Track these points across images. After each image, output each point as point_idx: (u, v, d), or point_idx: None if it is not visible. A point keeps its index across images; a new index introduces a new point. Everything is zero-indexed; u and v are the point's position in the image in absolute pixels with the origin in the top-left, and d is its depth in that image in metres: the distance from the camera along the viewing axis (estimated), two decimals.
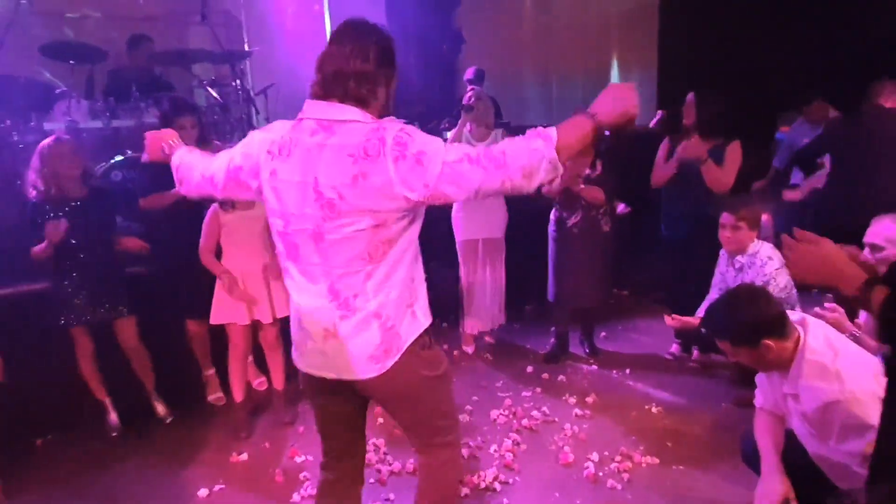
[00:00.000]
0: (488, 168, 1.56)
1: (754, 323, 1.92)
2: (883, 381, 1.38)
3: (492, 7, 6.14)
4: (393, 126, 1.61)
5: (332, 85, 1.65)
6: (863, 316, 2.48)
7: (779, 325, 1.92)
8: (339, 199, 1.60)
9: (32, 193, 3.05)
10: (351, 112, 1.64)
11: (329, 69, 1.66)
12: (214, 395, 3.61)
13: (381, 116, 1.68)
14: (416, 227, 1.73)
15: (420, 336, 1.76)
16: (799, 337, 1.94)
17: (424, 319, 1.79)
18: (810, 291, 3.38)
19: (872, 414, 1.71)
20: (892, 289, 1.25)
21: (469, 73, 5.03)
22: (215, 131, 4.22)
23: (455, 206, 3.97)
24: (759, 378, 2.20)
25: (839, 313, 2.34)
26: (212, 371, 3.59)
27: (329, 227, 1.63)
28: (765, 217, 2.77)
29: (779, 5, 6.53)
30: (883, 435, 1.38)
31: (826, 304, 2.39)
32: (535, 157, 1.55)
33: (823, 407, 1.87)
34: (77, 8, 4.43)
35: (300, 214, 1.65)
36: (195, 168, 1.88)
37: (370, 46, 1.67)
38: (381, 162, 1.56)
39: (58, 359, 3.21)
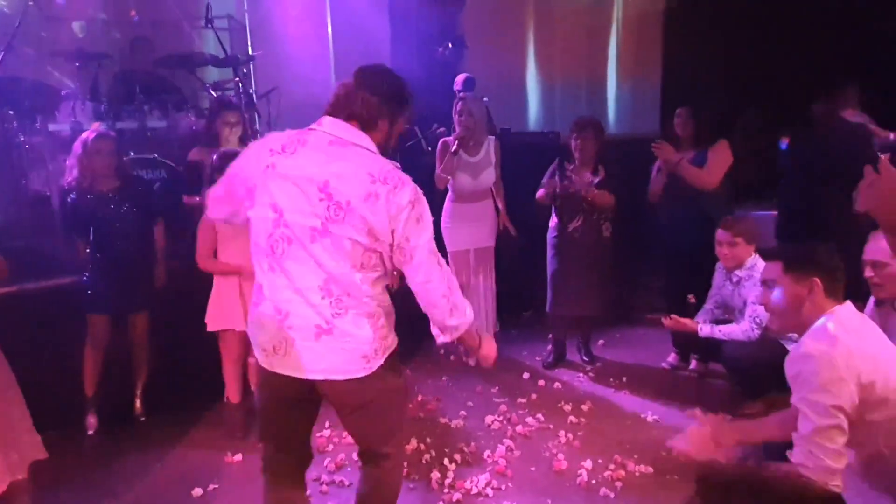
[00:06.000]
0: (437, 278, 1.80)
1: (817, 258, 1.93)
2: None
3: (494, 11, 6.14)
4: (408, 180, 1.77)
5: (342, 104, 1.80)
6: (868, 307, 2.44)
7: (833, 280, 1.92)
8: (348, 206, 1.70)
9: (69, 179, 3.19)
10: (362, 138, 1.78)
11: (340, 92, 1.82)
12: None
13: (380, 148, 1.82)
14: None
15: (396, 348, 1.88)
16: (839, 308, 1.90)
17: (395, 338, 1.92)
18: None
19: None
20: None
21: (458, 84, 4.93)
22: None
23: (444, 216, 3.91)
24: None
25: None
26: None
27: (333, 229, 1.70)
28: None
29: (785, 11, 6.52)
30: None
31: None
32: (463, 309, 1.86)
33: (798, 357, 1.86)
34: (84, 11, 4.48)
35: (298, 210, 1.73)
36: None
37: (381, 84, 1.81)
38: (397, 195, 1.72)
39: (47, 354, 3.22)
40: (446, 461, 2.92)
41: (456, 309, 1.83)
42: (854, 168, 3.37)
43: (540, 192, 3.84)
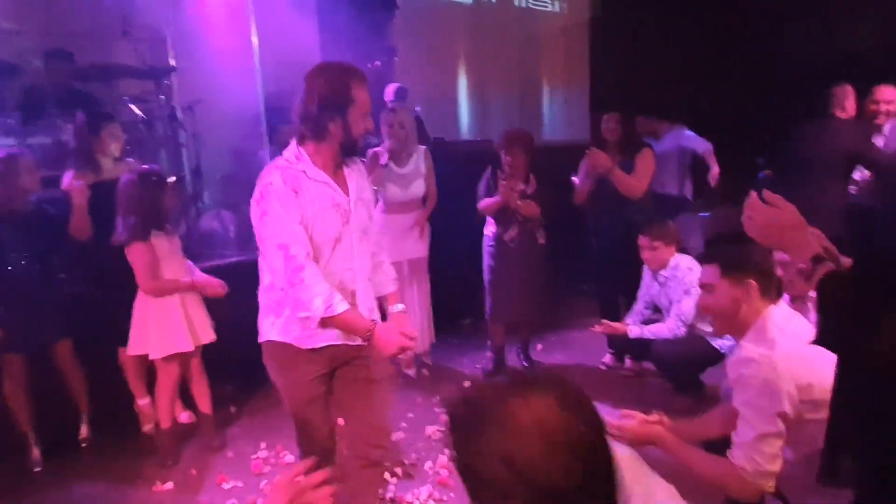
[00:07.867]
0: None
1: (752, 259, 1.91)
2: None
3: (426, 22, 6.18)
4: (260, 179, 1.92)
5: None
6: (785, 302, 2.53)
7: (768, 281, 1.91)
8: None
9: None
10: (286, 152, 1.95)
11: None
12: (150, 426, 3.40)
13: (345, 145, 1.94)
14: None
15: (277, 340, 2.08)
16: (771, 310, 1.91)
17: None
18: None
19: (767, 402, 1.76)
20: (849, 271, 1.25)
21: (389, 94, 4.84)
22: (140, 148, 4.08)
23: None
24: None
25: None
26: (147, 400, 3.39)
27: None
28: None
29: (709, 23, 6.85)
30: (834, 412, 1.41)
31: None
32: (307, 302, 1.84)
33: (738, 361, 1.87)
34: None
35: None
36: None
37: (315, 88, 1.88)
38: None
39: None
40: (387, 475, 2.88)
41: (299, 303, 1.85)
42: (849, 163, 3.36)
43: (482, 203, 3.85)
